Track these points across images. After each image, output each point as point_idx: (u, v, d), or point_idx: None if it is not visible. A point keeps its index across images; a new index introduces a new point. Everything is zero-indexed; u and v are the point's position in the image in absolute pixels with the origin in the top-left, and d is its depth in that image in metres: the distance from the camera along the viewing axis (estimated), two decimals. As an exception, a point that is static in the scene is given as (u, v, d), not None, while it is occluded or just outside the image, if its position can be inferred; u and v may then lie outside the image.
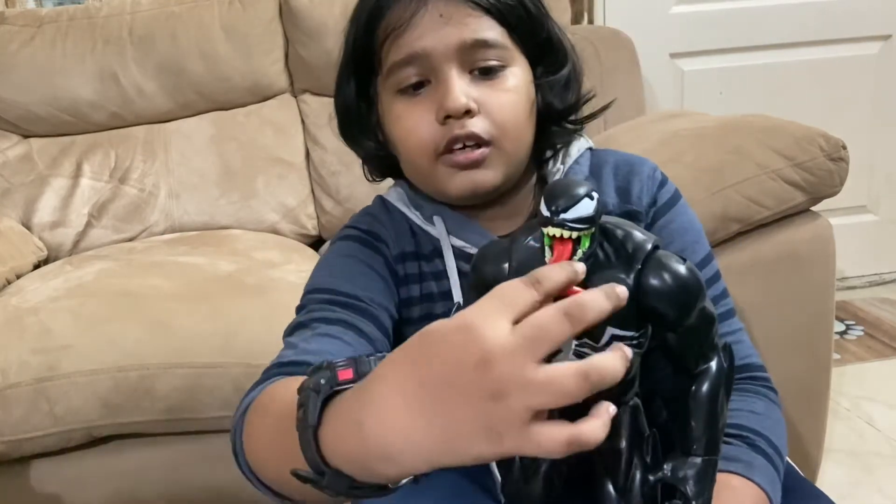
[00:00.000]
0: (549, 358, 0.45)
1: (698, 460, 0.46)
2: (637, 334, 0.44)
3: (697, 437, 0.46)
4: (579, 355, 0.44)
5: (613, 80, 1.73)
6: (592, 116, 0.78)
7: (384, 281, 0.73)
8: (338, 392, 0.45)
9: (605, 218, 0.45)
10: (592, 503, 0.49)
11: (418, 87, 0.69)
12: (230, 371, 1.14)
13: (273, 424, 0.53)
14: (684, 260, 0.44)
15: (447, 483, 0.64)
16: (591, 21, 2.07)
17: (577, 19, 2.03)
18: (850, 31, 2.19)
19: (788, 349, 1.25)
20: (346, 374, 0.45)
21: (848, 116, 2.17)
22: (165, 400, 1.12)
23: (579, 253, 0.43)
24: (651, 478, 0.46)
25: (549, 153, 0.77)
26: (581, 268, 0.40)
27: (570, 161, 0.76)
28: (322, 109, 1.75)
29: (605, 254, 0.44)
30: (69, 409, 1.11)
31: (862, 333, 2.12)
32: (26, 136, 1.70)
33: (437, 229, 0.74)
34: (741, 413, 0.70)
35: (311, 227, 1.72)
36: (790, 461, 0.78)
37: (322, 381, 0.44)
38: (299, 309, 0.73)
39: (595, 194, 0.42)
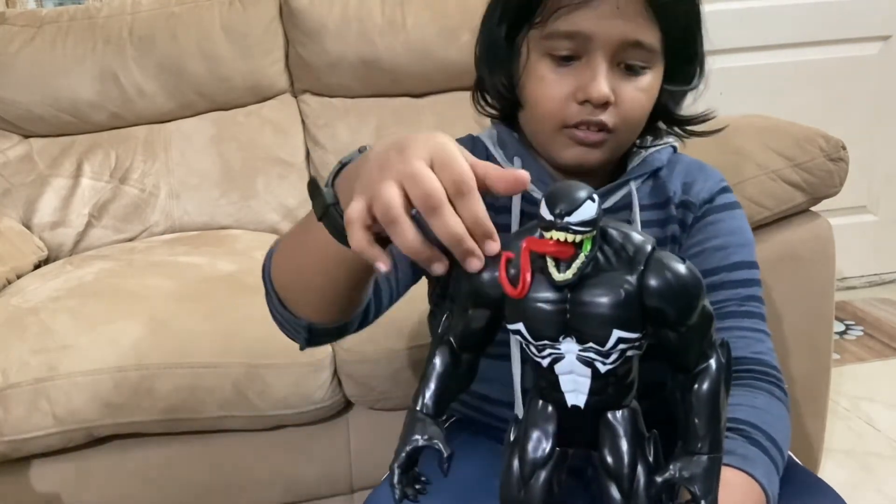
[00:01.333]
0: (551, 370, 0.45)
1: (704, 458, 0.45)
2: (641, 335, 0.44)
3: (702, 435, 0.45)
4: (584, 361, 0.45)
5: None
6: (704, 134, 0.83)
7: None
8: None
9: (604, 220, 0.45)
10: None
11: (567, 58, 0.72)
12: (230, 371, 1.14)
13: (293, 232, 0.67)
14: (684, 259, 0.44)
15: (459, 485, 0.65)
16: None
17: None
18: (850, 31, 2.20)
19: (788, 349, 1.26)
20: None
21: (848, 116, 2.18)
22: (166, 400, 1.13)
23: (581, 256, 0.43)
24: (658, 479, 0.46)
25: (640, 141, 0.82)
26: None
27: (651, 150, 0.82)
28: (322, 109, 1.75)
29: (606, 256, 0.44)
30: (69, 409, 1.11)
31: (861, 333, 2.12)
32: (27, 136, 1.70)
33: (514, 167, 0.78)
34: (741, 407, 0.71)
35: (312, 227, 1.72)
36: (792, 455, 0.78)
37: (365, 147, 0.58)
38: None
39: (596, 197, 0.42)
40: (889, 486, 1.50)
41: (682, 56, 0.76)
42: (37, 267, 1.49)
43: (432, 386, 0.49)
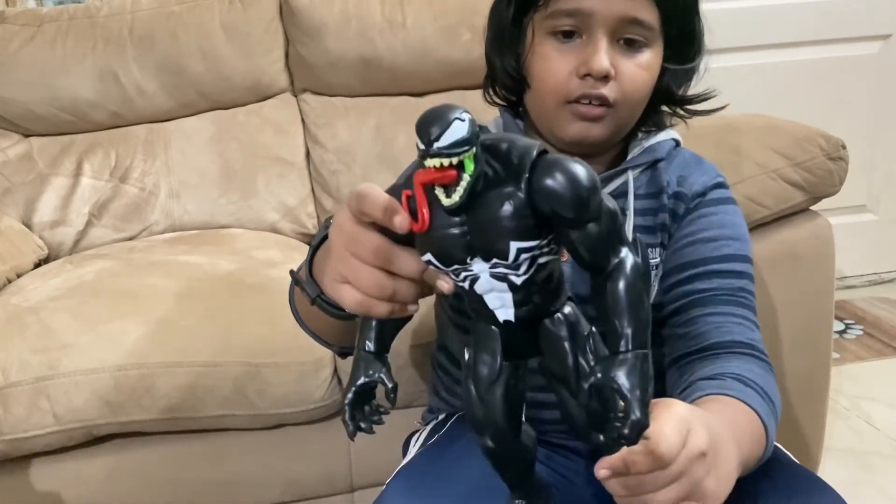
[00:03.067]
0: (473, 292, 0.46)
1: (629, 356, 0.44)
2: (543, 242, 0.44)
3: (622, 332, 0.44)
4: (498, 277, 0.45)
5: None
6: (704, 112, 0.86)
7: None
8: None
9: (485, 135, 0.44)
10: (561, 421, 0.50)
11: (568, 34, 0.76)
12: (230, 370, 1.14)
13: (299, 293, 0.71)
14: (573, 158, 0.43)
15: (464, 484, 0.65)
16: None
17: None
18: (850, 31, 2.20)
19: (788, 348, 1.26)
20: None
21: (848, 116, 2.18)
22: (166, 399, 1.13)
23: (465, 176, 0.42)
24: (585, 385, 0.45)
25: (645, 128, 0.85)
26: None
27: (653, 140, 0.84)
28: (322, 109, 1.75)
29: (494, 170, 0.43)
30: (69, 408, 1.11)
31: (861, 333, 2.12)
32: (27, 135, 1.70)
33: None
34: (738, 368, 0.73)
35: (312, 226, 1.72)
36: (790, 455, 0.78)
37: (331, 221, 0.58)
38: None
39: (466, 115, 0.41)
40: (890, 485, 1.51)
41: (681, 36, 0.79)
42: (37, 266, 1.49)
43: (370, 325, 0.52)
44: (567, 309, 0.48)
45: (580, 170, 0.42)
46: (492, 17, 0.84)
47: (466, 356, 0.50)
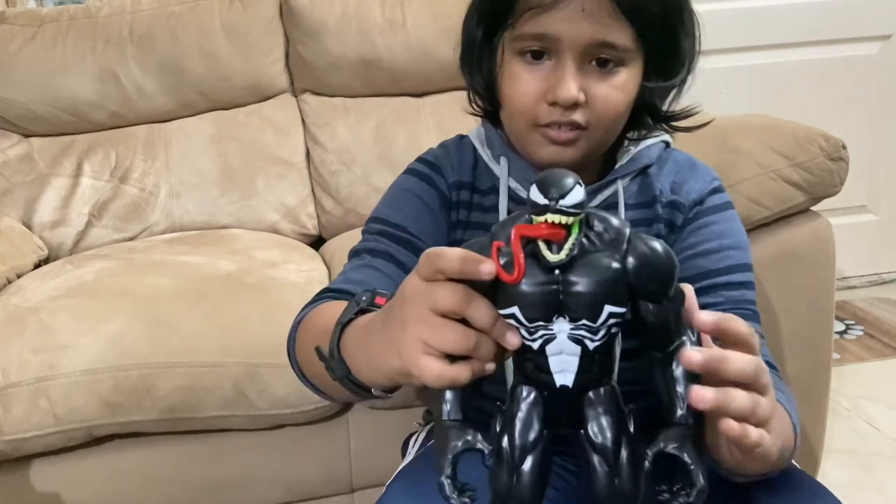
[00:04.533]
0: (542, 352, 0.47)
1: (689, 429, 0.48)
2: (626, 311, 0.47)
3: (682, 406, 0.48)
4: (574, 340, 0.46)
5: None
6: (689, 129, 0.82)
7: (432, 212, 0.83)
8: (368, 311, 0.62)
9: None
10: (585, 493, 0.50)
11: (538, 55, 0.73)
12: (230, 370, 1.14)
13: (316, 335, 0.68)
14: (658, 239, 0.48)
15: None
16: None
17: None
18: (850, 31, 2.20)
19: (788, 349, 1.26)
20: (381, 300, 0.62)
21: (848, 116, 2.18)
22: (166, 399, 1.13)
23: (572, 237, 0.45)
24: (649, 452, 0.48)
25: (631, 134, 0.82)
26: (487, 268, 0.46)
27: (641, 145, 0.81)
28: (322, 109, 1.75)
29: (590, 239, 0.47)
30: (69, 409, 1.11)
31: (862, 333, 2.12)
32: (27, 136, 1.70)
33: (501, 168, 0.82)
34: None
35: (312, 226, 1.72)
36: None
37: (363, 299, 0.62)
38: (363, 232, 0.85)
39: (581, 183, 0.45)
40: (890, 486, 1.51)
41: (662, 52, 0.75)
42: (37, 266, 1.49)
43: (450, 394, 0.50)
44: (612, 383, 0.49)
45: (666, 251, 0.47)
46: (463, 34, 0.81)
47: (499, 419, 0.50)
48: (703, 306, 0.74)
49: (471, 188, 0.84)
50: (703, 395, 0.47)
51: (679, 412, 0.48)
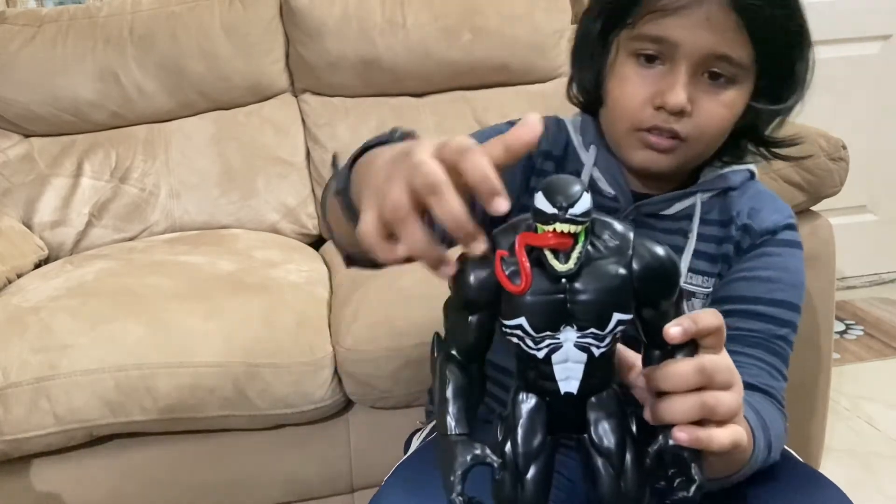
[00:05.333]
0: (547, 361, 0.46)
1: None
2: (633, 317, 0.47)
3: None
4: (581, 347, 0.46)
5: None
6: (789, 158, 0.82)
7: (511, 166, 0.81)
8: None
9: None
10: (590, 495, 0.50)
11: (651, 59, 0.72)
12: (230, 370, 1.14)
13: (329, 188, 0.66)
14: (660, 243, 0.47)
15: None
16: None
17: (577, 20, 2.03)
18: (850, 31, 2.20)
19: (788, 349, 1.25)
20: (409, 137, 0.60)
21: (848, 116, 2.17)
22: (166, 399, 1.13)
23: (578, 247, 0.44)
24: (650, 450, 0.48)
25: (724, 159, 0.80)
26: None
27: (727, 168, 0.81)
28: (322, 109, 1.75)
29: (595, 246, 0.46)
30: (70, 409, 1.11)
31: (862, 333, 2.12)
32: (27, 136, 1.70)
33: (588, 155, 0.81)
34: (748, 397, 0.70)
35: (312, 226, 1.72)
36: (793, 452, 0.78)
37: (397, 136, 0.61)
38: None
39: (588, 190, 0.44)
40: (890, 486, 1.51)
41: (776, 76, 0.74)
42: (37, 266, 1.49)
43: (453, 407, 0.48)
44: (614, 386, 0.49)
45: (668, 256, 0.47)
46: (579, 26, 0.80)
47: (500, 429, 0.49)
48: (733, 328, 0.72)
49: (557, 162, 0.83)
50: (679, 437, 0.48)
51: None
